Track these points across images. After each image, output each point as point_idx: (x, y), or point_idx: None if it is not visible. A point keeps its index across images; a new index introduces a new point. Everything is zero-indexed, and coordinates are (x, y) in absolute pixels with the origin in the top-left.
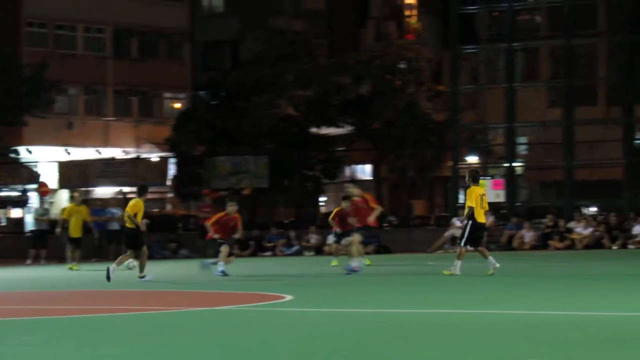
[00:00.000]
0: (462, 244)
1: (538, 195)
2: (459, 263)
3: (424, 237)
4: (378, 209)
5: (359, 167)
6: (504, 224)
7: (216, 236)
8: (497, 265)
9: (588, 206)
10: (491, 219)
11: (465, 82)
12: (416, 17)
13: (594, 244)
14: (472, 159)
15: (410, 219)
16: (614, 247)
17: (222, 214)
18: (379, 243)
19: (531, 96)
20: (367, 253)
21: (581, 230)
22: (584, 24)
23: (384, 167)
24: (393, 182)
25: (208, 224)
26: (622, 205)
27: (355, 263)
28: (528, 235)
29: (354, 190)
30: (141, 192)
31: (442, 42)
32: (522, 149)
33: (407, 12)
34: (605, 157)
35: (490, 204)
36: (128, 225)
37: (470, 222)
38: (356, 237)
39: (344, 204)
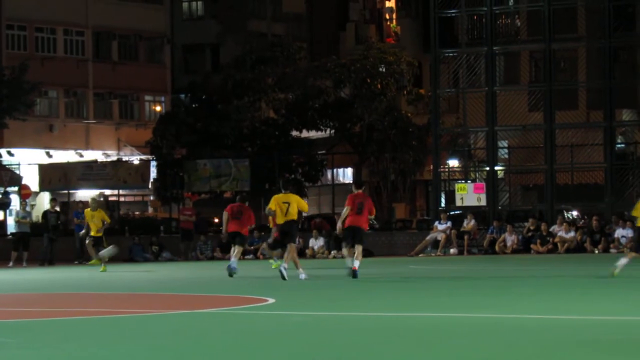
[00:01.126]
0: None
1: (519, 199)
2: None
3: (406, 241)
4: (372, 215)
5: (341, 170)
6: (486, 227)
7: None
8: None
9: (570, 210)
10: (472, 222)
11: (445, 86)
12: (396, 20)
13: (576, 248)
14: (453, 163)
15: (392, 223)
16: (596, 251)
17: None
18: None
19: (512, 100)
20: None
21: (563, 234)
22: (564, 28)
23: (365, 171)
24: (374, 186)
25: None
26: (604, 209)
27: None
28: (510, 239)
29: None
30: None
31: (422, 45)
32: (503, 153)
33: (387, 16)
34: (586, 161)
35: (471, 207)
36: None
37: None
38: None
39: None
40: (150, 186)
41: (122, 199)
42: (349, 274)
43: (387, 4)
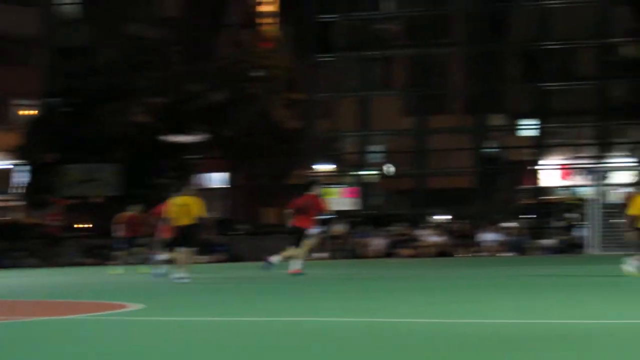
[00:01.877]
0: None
1: (390, 203)
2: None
3: (275, 245)
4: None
5: (215, 175)
6: (356, 231)
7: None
8: None
9: (438, 214)
10: (342, 226)
11: (320, 91)
12: (273, 25)
13: (443, 252)
14: (326, 167)
15: (262, 227)
16: (462, 255)
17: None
18: (228, 251)
19: (386, 105)
20: (220, 261)
21: (431, 237)
22: (439, 34)
23: (238, 175)
24: (247, 190)
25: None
26: (473, 213)
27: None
28: (378, 242)
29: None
30: None
31: (299, 50)
32: (375, 157)
33: (263, 20)
34: (457, 166)
35: (342, 211)
36: None
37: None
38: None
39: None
40: (13, 191)
41: None
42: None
43: (264, 9)
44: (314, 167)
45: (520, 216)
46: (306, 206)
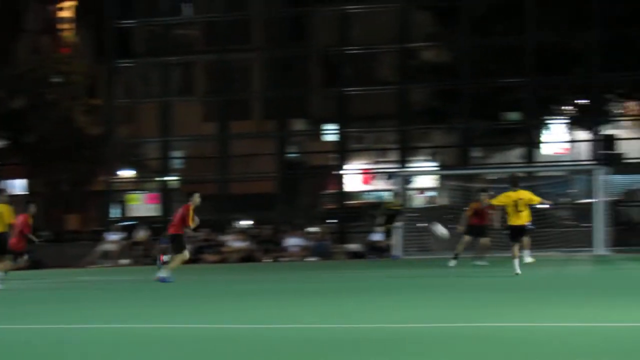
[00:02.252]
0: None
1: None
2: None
3: (77, 252)
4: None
5: (16, 181)
6: (159, 238)
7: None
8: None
9: (242, 219)
10: (145, 233)
11: (120, 96)
12: (72, 30)
13: (247, 257)
14: (127, 173)
15: (64, 234)
16: (267, 260)
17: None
18: (32, 258)
19: (186, 110)
20: (19, 269)
21: (235, 243)
22: (238, 39)
23: (39, 182)
24: (47, 197)
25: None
26: (276, 218)
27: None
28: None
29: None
30: None
31: (97, 56)
32: (177, 163)
33: (62, 26)
34: (259, 171)
35: (144, 217)
36: None
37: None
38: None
39: None
40: None
41: None
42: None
43: (63, 14)
44: (116, 173)
45: (325, 221)
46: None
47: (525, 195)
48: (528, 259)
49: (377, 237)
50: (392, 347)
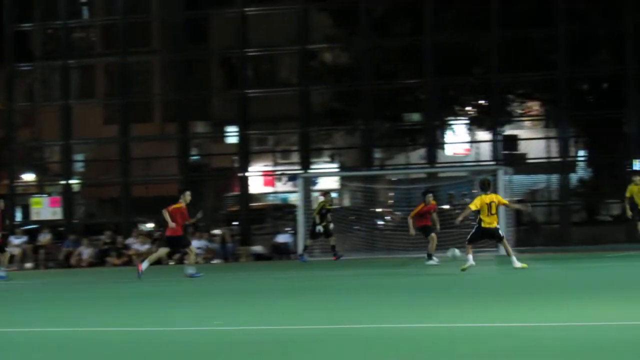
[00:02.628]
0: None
1: (96, 212)
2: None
3: None
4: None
5: None
6: (62, 241)
7: None
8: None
9: (145, 222)
10: (48, 236)
11: (20, 100)
12: None
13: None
14: (29, 177)
15: None
16: (171, 263)
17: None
18: None
19: (87, 113)
20: None
21: (138, 246)
22: (138, 41)
23: None
24: None
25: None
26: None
27: None
28: (86, 252)
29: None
30: None
31: None
32: (78, 166)
33: None
34: (161, 174)
35: (47, 221)
36: None
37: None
38: None
39: None
40: None
41: None
42: None
43: None
44: (18, 176)
45: (229, 223)
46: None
47: (496, 198)
48: (517, 264)
49: (282, 238)
50: (271, 350)
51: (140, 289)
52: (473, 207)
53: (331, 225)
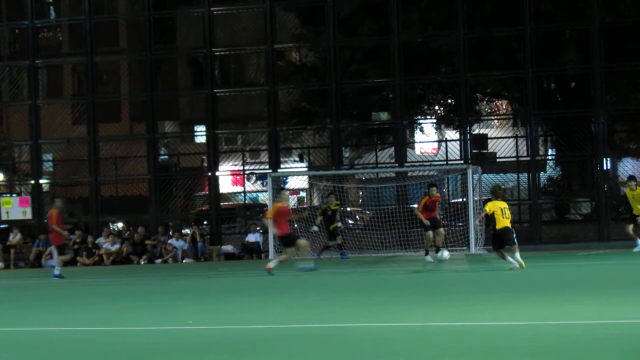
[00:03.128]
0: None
1: (66, 212)
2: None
3: None
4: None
5: None
6: (32, 241)
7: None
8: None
9: (115, 222)
10: (18, 236)
11: None
12: None
13: (122, 260)
14: None
15: None
16: (142, 262)
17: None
18: None
19: (55, 113)
20: None
21: (109, 246)
22: (105, 41)
23: None
24: None
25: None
26: (149, 220)
27: None
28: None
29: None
30: None
31: None
32: (48, 166)
33: None
34: (131, 173)
35: (17, 221)
36: None
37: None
38: None
39: None
40: None
41: None
42: None
43: None
44: None
45: (198, 222)
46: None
47: (505, 204)
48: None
49: (252, 238)
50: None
51: (111, 288)
52: (487, 209)
53: (339, 224)
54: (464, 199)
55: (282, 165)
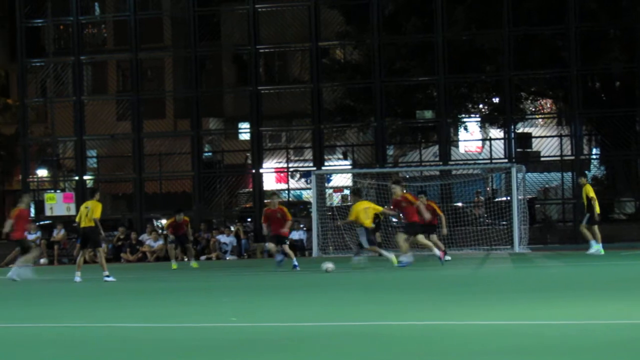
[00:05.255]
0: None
1: (109, 208)
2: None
3: None
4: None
5: None
6: (76, 237)
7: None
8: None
9: (158, 218)
10: (62, 232)
11: (33, 95)
12: None
13: (165, 256)
14: (42, 173)
15: None
16: (186, 259)
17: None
18: None
19: (100, 109)
20: None
21: (152, 242)
22: (150, 37)
23: None
24: None
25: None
26: (193, 216)
27: None
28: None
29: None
30: None
31: (9, 54)
32: (92, 162)
33: None
34: (174, 170)
35: (61, 217)
36: None
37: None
38: None
39: None
40: None
41: None
42: None
43: None
44: (32, 172)
45: (242, 220)
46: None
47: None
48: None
49: (296, 235)
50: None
51: (154, 284)
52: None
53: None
54: (508, 198)
55: (326, 163)
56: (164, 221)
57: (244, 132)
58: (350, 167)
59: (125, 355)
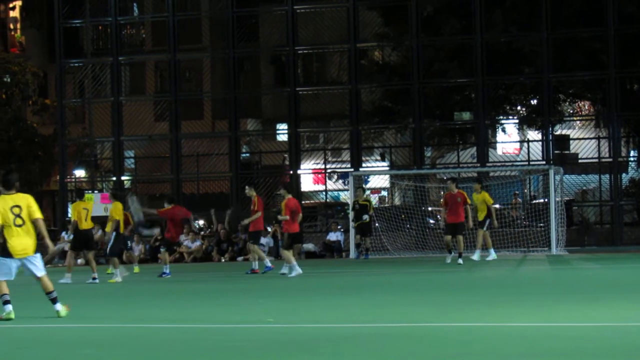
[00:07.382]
0: None
1: (147, 209)
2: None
3: None
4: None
5: None
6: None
7: None
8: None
9: (196, 219)
10: (100, 232)
11: (71, 96)
12: (20, 30)
13: (203, 257)
14: (80, 173)
15: None
16: (223, 260)
17: None
18: None
19: (138, 110)
20: None
21: (189, 243)
22: (188, 38)
23: None
24: None
25: None
26: (230, 218)
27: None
28: (137, 248)
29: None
30: None
31: (47, 55)
32: (129, 163)
33: (10, 26)
34: (212, 171)
35: (99, 217)
36: None
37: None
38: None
39: None
40: None
41: None
42: None
43: (11, 14)
44: (69, 173)
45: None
46: None
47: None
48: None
49: (333, 236)
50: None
51: (191, 285)
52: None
53: (365, 218)
54: (546, 200)
55: (363, 164)
56: (201, 222)
57: (282, 133)
58: (387, 168)
59: (161, 355)
